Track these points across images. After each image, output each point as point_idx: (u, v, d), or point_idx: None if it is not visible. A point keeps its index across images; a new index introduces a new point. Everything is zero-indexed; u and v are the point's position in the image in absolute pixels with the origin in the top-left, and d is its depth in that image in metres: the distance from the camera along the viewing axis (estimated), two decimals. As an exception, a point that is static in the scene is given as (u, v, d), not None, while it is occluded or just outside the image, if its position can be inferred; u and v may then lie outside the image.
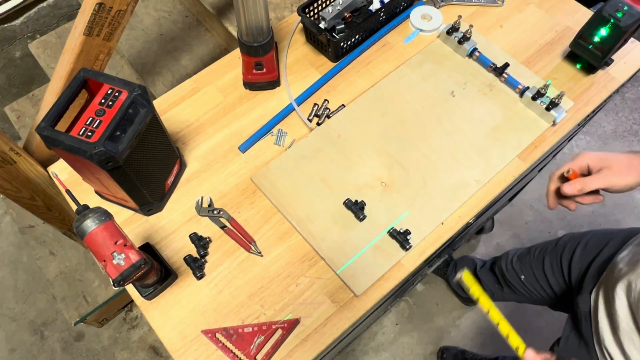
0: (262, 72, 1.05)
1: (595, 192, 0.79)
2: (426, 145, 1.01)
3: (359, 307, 0.87)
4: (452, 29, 1.10)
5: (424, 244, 0.91)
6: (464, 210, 0.95)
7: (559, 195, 0.81)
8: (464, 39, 1.09)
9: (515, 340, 0.74)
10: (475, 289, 0.76)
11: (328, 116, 1.05)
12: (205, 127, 1.05)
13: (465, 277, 0.77)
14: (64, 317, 1.76)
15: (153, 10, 1.85)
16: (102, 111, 0.78)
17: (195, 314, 0.86)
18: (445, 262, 1.86)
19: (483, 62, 1.09)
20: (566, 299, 1.17)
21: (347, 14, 1.11)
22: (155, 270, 0.82)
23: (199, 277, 0.89)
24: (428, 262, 0.98)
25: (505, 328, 0.75)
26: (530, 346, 0.73)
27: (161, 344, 1.22)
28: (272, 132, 1.04)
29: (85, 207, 0.73)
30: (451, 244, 1.19)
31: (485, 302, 0.76)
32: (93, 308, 1.62)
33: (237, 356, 0.82)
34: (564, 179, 0.80)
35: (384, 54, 1.14)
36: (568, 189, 0.77)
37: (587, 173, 0.79)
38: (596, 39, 1.00)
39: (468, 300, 1.87)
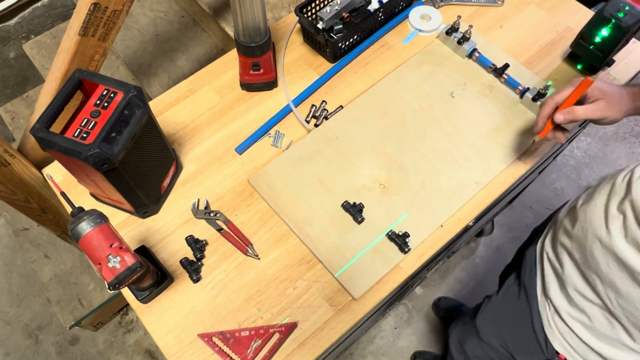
0: (259, 73, 1.04)
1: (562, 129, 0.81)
2: (425, 146, 1.00)
3: (357, 310, 0.86)
4: (452, 29, 1.10)
5: (423, 247, 0.90)
6: (464, 212, 0.94)
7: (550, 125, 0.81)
8: (464, 39, 1.08)
9: None
10: None
11: (326, 117, 1.04)
12: (201, 129, 1.04)
13: None
14: (59, 320, 1.75)
15: (149, 10, 1.84)
16: (97, 112, 0.77)
17: (192, 318, 0.85)
18: None
19: (483, 62, 1.08)
20: None
21: (345, 14, 1.10)
22: (151, 274, 0.81)
23: (196, 280, 0.88)
24: (427, 265, 0.97)
25: None
26: None
27: (157, 348, 1.21)
28: (270, 134, 1.03)
29: (80, 209, 0.72)
30: (450, 247, 1.18)
31: None
32: (88, 311, 1.61)
33: (234, 361, 0.81)
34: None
35: (382, 54, 1.13)
36: (559, 117, 0.77)
37: (579, 103, 0.79)
38: (597, 39, 0.99)
39: None
